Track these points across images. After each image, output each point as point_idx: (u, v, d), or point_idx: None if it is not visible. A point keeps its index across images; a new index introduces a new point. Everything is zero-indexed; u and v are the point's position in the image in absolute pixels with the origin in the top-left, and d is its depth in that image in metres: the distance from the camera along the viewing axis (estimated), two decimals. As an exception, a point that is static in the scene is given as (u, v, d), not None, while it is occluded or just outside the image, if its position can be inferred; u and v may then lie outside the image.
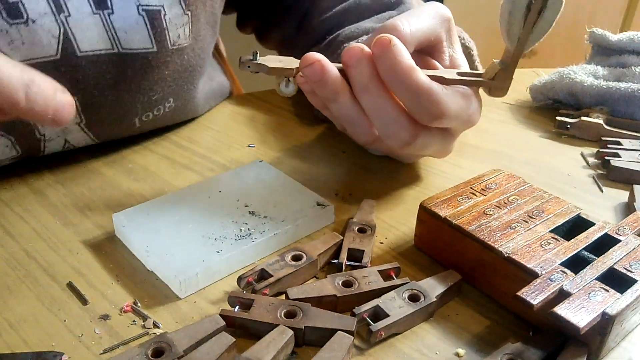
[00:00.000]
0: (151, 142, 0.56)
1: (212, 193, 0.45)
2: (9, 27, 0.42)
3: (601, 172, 0.55)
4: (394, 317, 0.34)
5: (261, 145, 0.57)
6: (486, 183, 0.43)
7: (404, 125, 0.42)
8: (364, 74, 0.41)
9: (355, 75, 0.42)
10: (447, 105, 0.41)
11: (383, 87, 0.42)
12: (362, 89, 0.42)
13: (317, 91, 0.43)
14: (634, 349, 0.34)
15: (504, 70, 0.44)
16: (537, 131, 0.64)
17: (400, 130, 0.42)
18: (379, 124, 0.43)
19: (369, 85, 0.42)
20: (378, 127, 0.43)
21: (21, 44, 0.43)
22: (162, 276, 0.38)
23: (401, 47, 0.41)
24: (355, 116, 0.44)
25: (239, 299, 0.34)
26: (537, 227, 0.38)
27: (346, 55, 0.42)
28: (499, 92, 0.46)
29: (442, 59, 0.47)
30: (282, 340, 0.32)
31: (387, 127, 0.43)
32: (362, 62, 0.41)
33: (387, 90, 0.42)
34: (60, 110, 0.32)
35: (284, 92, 0.44)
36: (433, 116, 0.42)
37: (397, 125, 0.42)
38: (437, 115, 0.42)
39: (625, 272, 0.34)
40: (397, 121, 0.42)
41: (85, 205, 0.46)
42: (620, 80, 0.66)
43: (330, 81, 0.42)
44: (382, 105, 0.42)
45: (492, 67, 0.45)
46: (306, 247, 0.39)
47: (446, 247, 0.39)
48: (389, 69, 0.40)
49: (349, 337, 0.32)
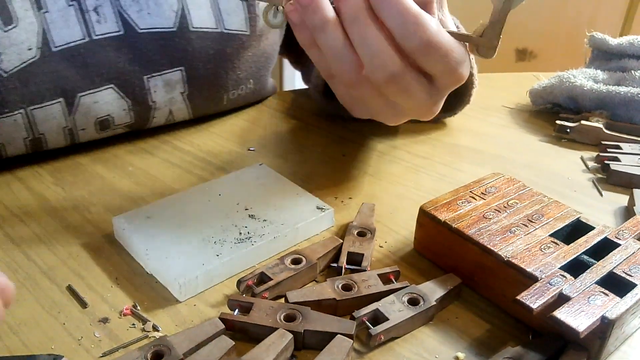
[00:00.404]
0: (151, 146, 0.56)
1: (212, 196, 0.45)
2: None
3: (601, 176, 0.55)
4: (393, 321, 0.34)
5: (261, 149, 0.57)
6: (486, 187, 0.43)
7: (391, 56, 0.41)
8: (354, 3, 0.40)
9: (345, 5, 0.41)
10: (436, 33, 0.40)
11: (373, 17, 0.41)
12: (352, 19, 0.41)
13: (306, 19, 0.42)
14: (633, 353, 0.34)
15: (492, 28, 0.43)
16: (536, 135, 0.64)
17: (387, 60, 0.41)
18: (366, 56, 0.42)
19: (359, 14, 0.41)
20: (365, 59, 0.42)
21: (147, 14, 0.51)
22: (162, 279, 0.38)
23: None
24: (343, 49, 0.42)
25: (238, 302, 0.34)
26: (536, 231, 0.38)
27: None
28: (488, 50, 0.44)
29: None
30: (281, 343, 0.32)
31: (374, 58, 0.41)
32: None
33: (376, 21, 0.41)
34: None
35: (272, 23, 0.43)
36: (421, 41, 0.40)
37: (385, 55, 0.41)
38: (425, 42, 0.40)
39: (625, 276, 0.34)
40: (385, 52, 0.41)
41: (85, 208, 0.46)
42: (620, 84, 0.66)
43: (320, 7, 0.41)
44: (371, 36, 0.41)
45: (481, 26, 0.44)
46: (306, 251, 0.39)
47: (446, 251, 0.39)
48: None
49: (349, 340, 0.32)
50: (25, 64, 0.47)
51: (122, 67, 0.52)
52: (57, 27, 0.48)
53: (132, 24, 0.51)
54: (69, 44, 0.49)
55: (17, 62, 0.46)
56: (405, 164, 0.55)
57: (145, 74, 0.53)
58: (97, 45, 0.50)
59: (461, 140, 0.61)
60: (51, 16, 0.48)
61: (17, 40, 0.46)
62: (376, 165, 0.54)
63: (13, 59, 0.46)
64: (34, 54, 0.47)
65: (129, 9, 0.50)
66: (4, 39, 0.45)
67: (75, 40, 0.49)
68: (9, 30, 0.45)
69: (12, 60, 0.46)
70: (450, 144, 0.60)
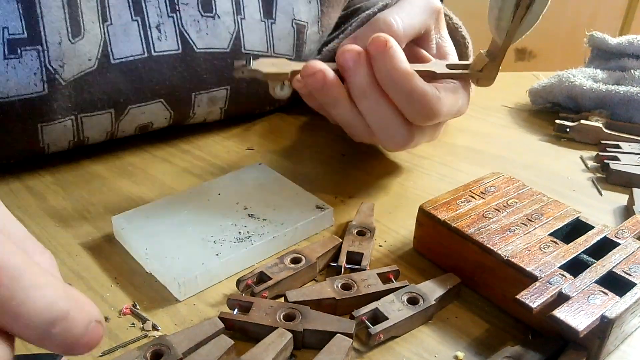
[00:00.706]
0: (151, 145, 0.56)
1: (212, 196, 0.45)
2: (200, 18, 0.52)
3: (600, 175, 0.55)
4: (392, 320, 0.34)
5: (260, 148, 0.57)
6: (485, 186, 0.43)
7: (400, 129, 0.44)
8: (362, 79, 0.43)
9: (353, 81, 0.43)
10: (440, 107, 0.43)
11: (381, 91, 0.43)
12: (360, 94, 0.43)
13: (317, 98, 0.44)
14: (633, 352, 0.34)
15: (492, 61, 0.45)
16: (536, 135, 0.64)
17: (397, 133, 0.44)
18: (376, 128, 0.45)
19: (367, 90, 0.43)
20: (375, 130, 0.45)
21: (205, 34, 0.53)
22: (161, 279, 0.38)
23: (397, 50, 0.42)
24: (354, 120, 0.45)
25: (238, 301, 0.34)
26: (536, 231, 0.38)
27: (342, 58, 0.43)
28: (485, 82, 0.47)
29: (430, 47, 0.49)
30: (281, 343, 0.32)
31: (384, 130, 0.44)
32: (360, 66, 0.42)
33: (384, 95, 0.43)
34: (83, 347, 0.22)
35: (279, 95, 0.44)
36: (427, 118, 0.44)
37: (394, 129, 0.44)
38: (430, 117, 0.44)
39: (625, 276, 0.34)
40: (394, 125, 0.44)
41: (84, 208, 0.46)
42: (620, 84, 0.66)
43: (332, 90, 0.43)
44: (380, 110, 0.43)
45: (480, 58, 0.46)
46: (305, 250, 0.39)
47: (445, 250, 0.39)
48: (386, 74, 0.42)
49: (348, 339, 0.32)
50: (83, 73, 0.47)
51: (174, 84, 0.53)
52: (118, 41, 0.49)
53: (190, 43, 0.52)
54: (128, 57, 0.49)
55: (76, 72, 0.47)
56: (405, 164, 0.55)
57: (194, 91, 0.55)
58: (154, 62, 0.51)
59: (460, 139, 0.61)
60: (114, 29, 0.48)
61: (81, 52, 0.46)
62: (376, 165, 0.54)
63: (73, 69, 0.47)
64: (93, 64, 0.48)
65: (189, 28, 0.52)
66: (70, 50, 0.46)
67: (134, 55, 0.50)
68: (76, 42, 0.46)
69: (72, 70, 0.47)
70: (449, 143, 0.60)
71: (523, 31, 0.43)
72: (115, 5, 0.48)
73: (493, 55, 0.45)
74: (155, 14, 0.50)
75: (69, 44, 0.45)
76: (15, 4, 0.43)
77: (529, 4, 0.41)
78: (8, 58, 0.43)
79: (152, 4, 0.50)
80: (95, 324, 0.22)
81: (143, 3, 0.49)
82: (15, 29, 0.43)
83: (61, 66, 0.46)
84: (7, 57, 0.43)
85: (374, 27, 0.44)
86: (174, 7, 0.51)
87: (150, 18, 0.50)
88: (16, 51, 0.43)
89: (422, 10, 0.47)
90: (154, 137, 0.57)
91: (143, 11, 0.49)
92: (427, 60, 0.48)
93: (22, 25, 0.43)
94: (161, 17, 0.50)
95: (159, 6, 0.50)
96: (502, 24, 0.42)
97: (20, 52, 0.43)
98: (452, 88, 0.45)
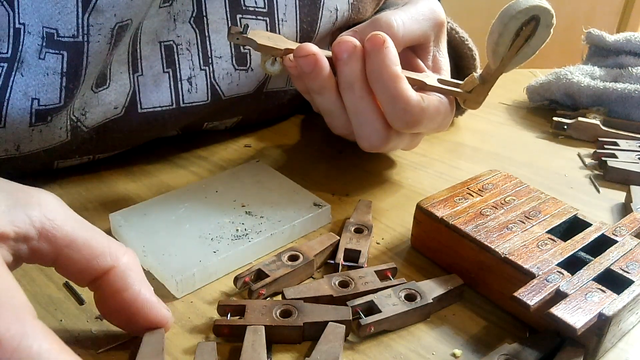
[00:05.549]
0: (148, 143, 0.56)
1: (209, 193, 0.45)
2: (233, 72, 0.51)
3: (598, 172, 0.55)
4: (385, 314, 0.34)
5: (258, 146, 0.57)
6: (483, 184, 0.43)
7: (378, 130, 0.44)
8: (352, 72, 0.43)
9: (343, 72, 0.43)
10: (421, 117, 0.43)
11: (367, 88, 0.43)
12: (347, 86, 0.43)
13: (305, 81, 0.44)
14: (630, 349, 0.34)
15: (482, 85, 0.46)
16: (534, 132, 0.64)
17: (373, 133, 0.44)
18: (355, 123, 0.45)
19: (355, 84, 0.43)
20: (354, 125, 0.45)
21: (236, 85, 0.52)
22: (159, 276, 0.38)
23: (392, 51, 0.42)
24: (336, 111, 0.45)
25: (228, 307, 0.34)
26: (533, 228, 0.38)
27: (338, 48, 0.42)
28: (473, 104, 0.47)
29: (426, 58, 0.49)
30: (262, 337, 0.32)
31: (362, 127, 0.45)
32: (353, 59, 0.42)
33: (370, 92, 0.43)
34: None
35: (269, 70, 0.44)
36: (406, 125, 0.44)
37: (372, 128, 0.44)
38: (409, 125, 0.44)
39: (622, 273, 0.34)
40: (373, 125, 0.44)
41: (81, 205, 0.46)
42: (617, 81, 0.66)
43: (321, 76, 0.43)
44: (363, 107, 0.44)
45: (471, 81, 0.46)
46: (303, 248, 0.39)
47: (443, 248, 0.39)
48: (376, 72, 0.42)
49: (341, 326, 0.32)
50: (107, 120, 0.47)
51: (194, 120, 0.53)
52: (147, 91, 0.48)
53: (219, 93, 0.52)
54: (156, 108, 0.49)
55: (100, 119, 0.47)
56: (403, 161, 0.55)
57: (207, 120, 0.56)
58: (181, 112, 0.50)
59: (458, 137, 0.61)
60: (144, 79, 0.48)
61: (105, 101, 0.46)
62: (373, 162, 0.54)
63: (98, 116, 0.46)
64: (119, 111, 0.47)
65: (221, 81, 0.51)
66: (93, 99, 0.45)
67: (162, 106, 0.49)
68: (99, 92, 0.45)
69: (97, 118, 0.46)
70: (447, 141, 0.60)
71: (517, 62, 0.43)
72: (148, 57, 0.47)
73: (484, 79, 0.46)
74: (188, 67, 0.49)
75: (91, 94, 0.45)
76: (59, 78, 0.41)
77: (529, 37, 0.42)
78: (34, 125, 0.42)
79: (185, 57, 0.49)
80: None
81: (176, 55, 0.49)
82: (48, 100, 0.41)
83: (83, 114, 0.45)
84: (33, 125, 0.42)
85: (375, 24, 0.44)
86: (207, 61, 0.50)
87: (182, 70, 0.49)
88: (46, 118, 0.42)
89: (425, 18, 0.47)
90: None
91: (175, 63, 0.49)
92: (420, 70, 0.48)
93: (61, 96, 0.42)
94: (193, 70, 0.50)
95: (192, 59, 0.49)
96: (499, 49, 0.42)
97: (50, 119, 0.43)
98: (437, 102, 0.45)
